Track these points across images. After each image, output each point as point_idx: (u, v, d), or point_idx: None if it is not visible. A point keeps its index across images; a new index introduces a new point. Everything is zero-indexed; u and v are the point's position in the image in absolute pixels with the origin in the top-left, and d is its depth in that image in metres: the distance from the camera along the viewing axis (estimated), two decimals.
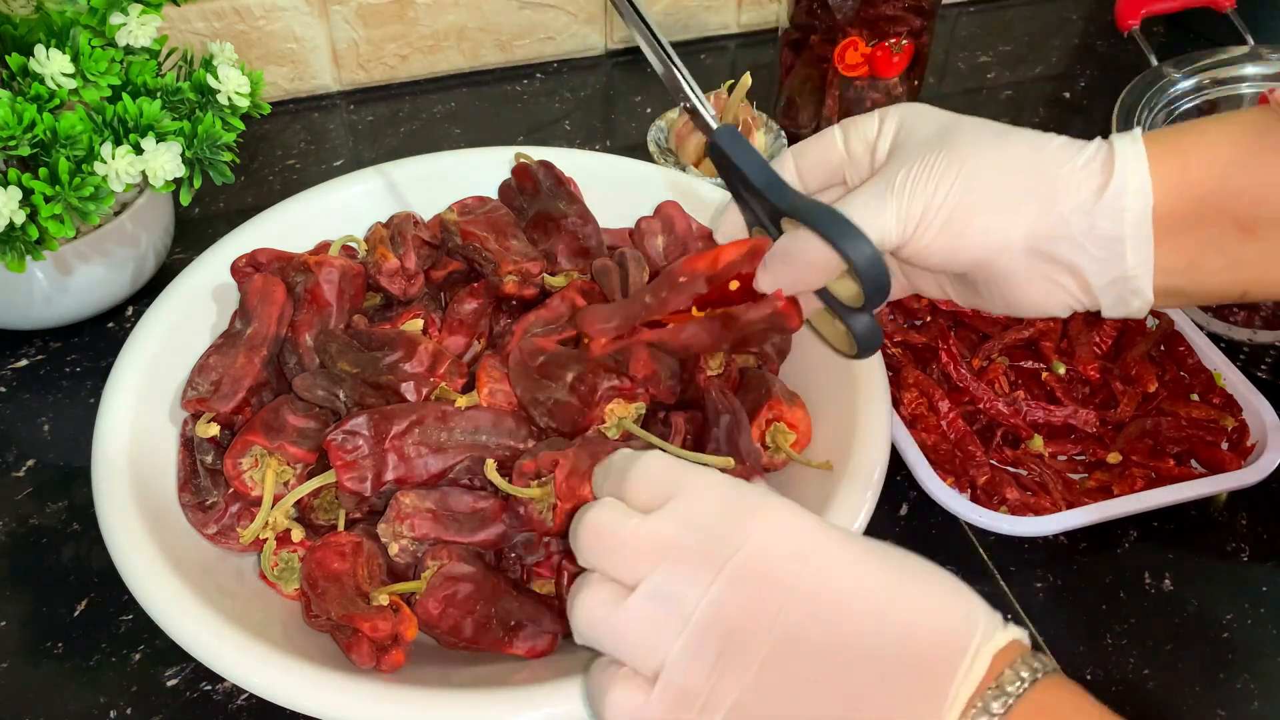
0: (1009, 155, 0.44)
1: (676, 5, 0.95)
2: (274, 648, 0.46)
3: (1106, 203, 0.43)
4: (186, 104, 0.60)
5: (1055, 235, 0.43)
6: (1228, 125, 0.43)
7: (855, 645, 0.34)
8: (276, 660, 0.45)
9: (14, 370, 0.67)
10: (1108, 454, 0.61)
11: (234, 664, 0.45)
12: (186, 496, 0.53)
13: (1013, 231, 0.44)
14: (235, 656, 0.45)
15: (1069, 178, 0.43)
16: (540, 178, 0.66)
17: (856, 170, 0.49)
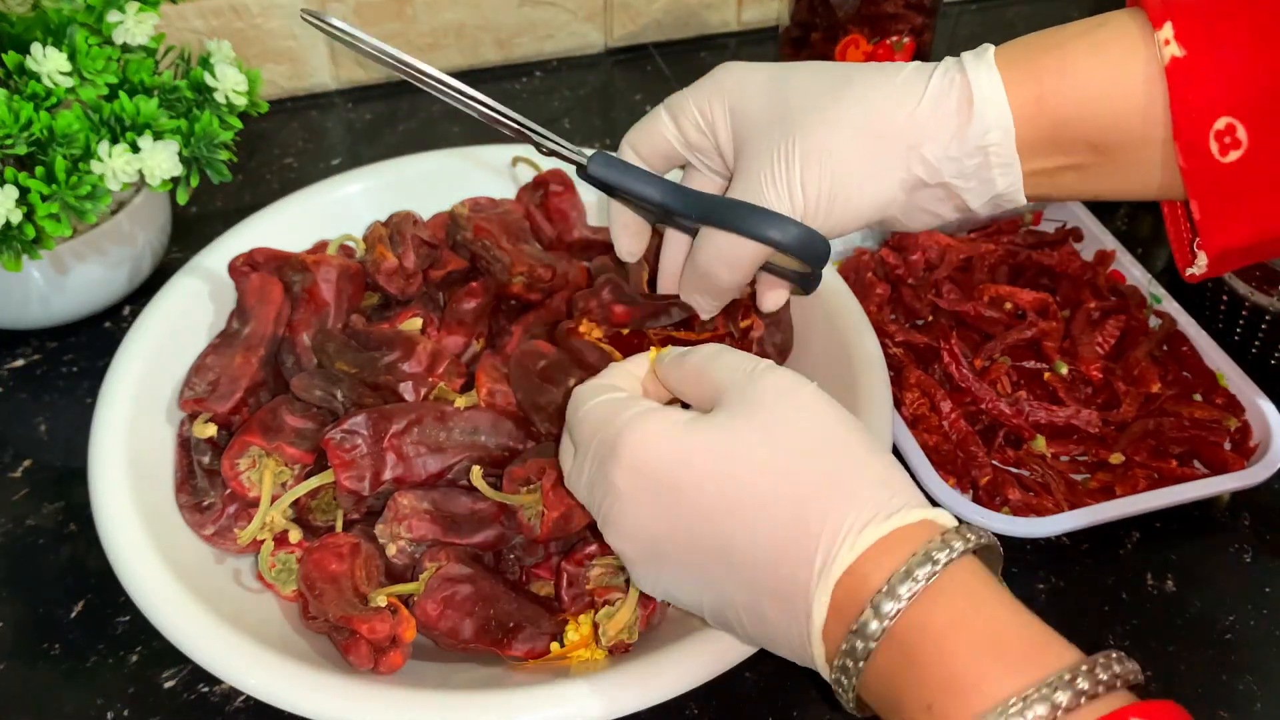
0: (859, 115, 0.44)
1: (676, 3, 0.95)
2: (271, 649, 0.46)
3: (971, 142, 0.43)
4: (184, 102, 0.59)
5: (930, 181, 0.45)
6: (1086, 48, 0.43)
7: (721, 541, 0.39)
8: (274, 662, 0.45)
9: (10, 370, 0.67)
10: (1110, 454, 0.61)
11: (231, 666, 0.45)
12: (184, 497, 0.53)
13: (889, 192, 0.45)
14: (232, 658, 0.45)
15: (927, 123, 0.44)
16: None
17: (704, 156, 0.49)
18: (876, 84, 0.45)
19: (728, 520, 0.39)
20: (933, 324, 0.67)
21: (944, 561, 0.36)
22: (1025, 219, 0.75)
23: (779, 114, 0.45)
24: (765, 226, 0.44)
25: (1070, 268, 0.70)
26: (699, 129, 0.48)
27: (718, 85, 0.47)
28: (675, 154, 0.49)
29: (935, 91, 0.44)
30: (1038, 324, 0.66)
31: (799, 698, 0.53)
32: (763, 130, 0.45)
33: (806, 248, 0.44)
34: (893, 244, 0.71)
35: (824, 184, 0.44)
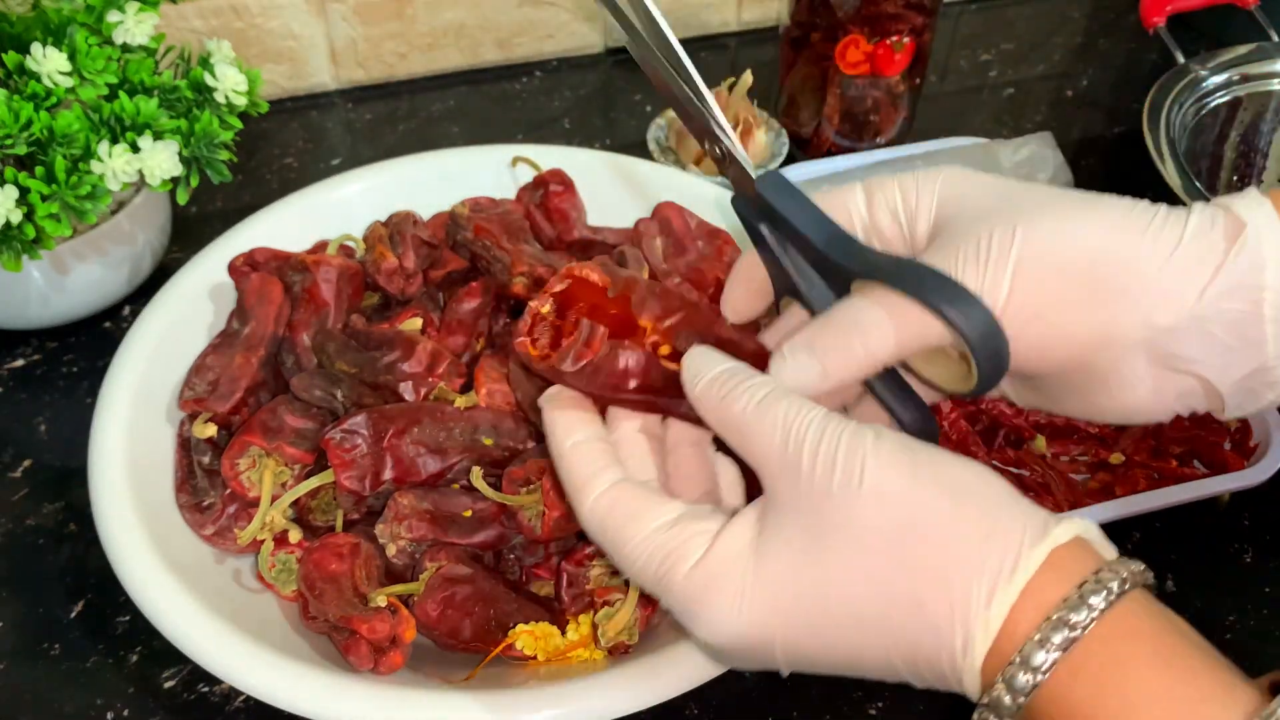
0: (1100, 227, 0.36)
1: (677, 3, 0.95)
2: (271, 649, 0.46)
3: (1239, 278, 0.35)
4: (184, 102, 0.59)
5: (1175, 326, 0.36)
6: None
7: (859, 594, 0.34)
8: (274, 662, 0.45)
9: (10, 370, 0.67)
10: (1110, 454, 0.61)
11: (231, 665, 0.45)
12: (184, 497, 0.53)
13: (1122, 323, 0.36)
14: (232, 658, 0.45)
15: (1186, 263, 0.35)
16: None
17: (887, 246, 0.41)
18: (1128, 211, 0.37)
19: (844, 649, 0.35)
20: None
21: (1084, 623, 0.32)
22: None
23: (1000, 204, 0.37)
24: (946, 295, 0.35)
25: None
26: (893, 213, 0.40)
27: (933, 173, 0.40)
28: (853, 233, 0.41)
29: (1197, 225, 0.36)
30: None
31: (799, 697, 0.52)
32: (974, 217, 0.37)
33: (987, 342, 0.35)
34: None
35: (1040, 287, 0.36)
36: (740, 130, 0.78)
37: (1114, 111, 0.91)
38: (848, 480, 0.34)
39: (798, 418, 0.35)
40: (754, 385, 0.36)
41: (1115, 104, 0.92)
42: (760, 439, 0.36)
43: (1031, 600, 0.32)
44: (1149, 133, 0.72)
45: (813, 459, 0.34)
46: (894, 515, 0.33)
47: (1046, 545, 0.33)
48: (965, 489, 0.34)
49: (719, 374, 0.37)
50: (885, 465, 0.34)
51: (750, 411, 0.36)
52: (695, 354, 0.39)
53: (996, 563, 0.32)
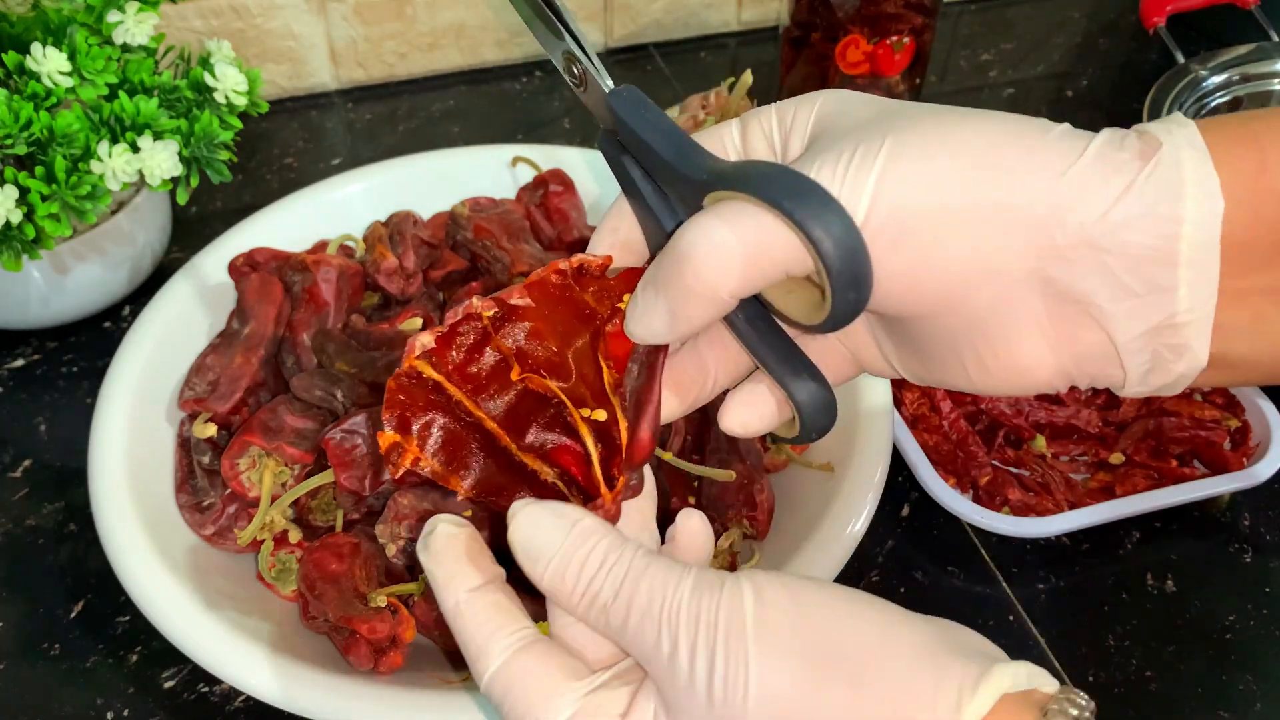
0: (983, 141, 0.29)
1: (676, 3, 0.95)
2: (271, 649, 0.46)
3: (1150, 204, 0.28)
4: (184, 102, 0.59)
5: (1070, 258, 0.29)
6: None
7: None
8: (274, 662, 0.45)
9: (10, 370, 0.67)
10: (1110, 455, 0.61)
11: (231, 665, 0.45)
12: (184, 497, 0.53)
13: (1005, 251, 0.29)
14: (232, 658, 0.45)
15: (1085, 181, 0.29)
16: None
17: None
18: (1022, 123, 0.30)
19: None
20: None
21: None
22: None
23: (880, 115, 0.31)
24: (799, 198, 0.29)
25: None
26: (767, 139, 0.34)
27: (811, 96, 0.34)
28: None
29: (1104, 140, 0.29)
30: None
31: None
32: (849, 128, 0.31)
33: (845, 258, 0.28)
34: None
35: (909, 192, 0.29)
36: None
37: (1114, 112, 0.91)
38: (733, 690, 0.29)
39: (665, 605, 0.30)
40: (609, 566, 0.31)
41: (1115, 104, 0.92)
42: (632, 639, 0.31)
43: None
44: None
45: (690, 660, 0.29)
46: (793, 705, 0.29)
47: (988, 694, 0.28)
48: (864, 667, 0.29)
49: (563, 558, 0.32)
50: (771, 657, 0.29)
51: (613, 609, 0.31)
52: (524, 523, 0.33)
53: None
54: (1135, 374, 0.30)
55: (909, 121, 0.30)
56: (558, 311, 0.36)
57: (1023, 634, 0.55)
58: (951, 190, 0.29)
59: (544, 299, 0.35)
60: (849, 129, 0.31)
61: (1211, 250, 0.28)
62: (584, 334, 0.36)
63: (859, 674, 0.29)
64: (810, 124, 0.33)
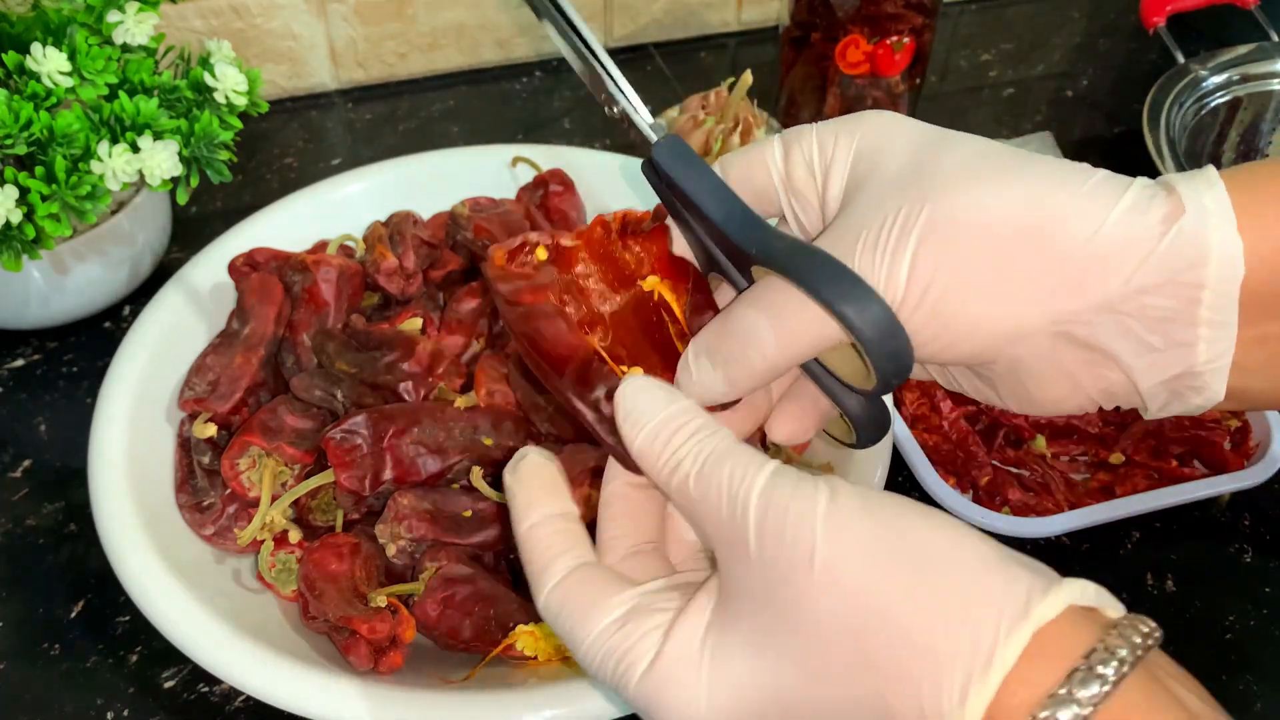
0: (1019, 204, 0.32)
1: (676, 3, 0.95)
2: (271, 649, 0.46)
3: (1172, 270, 0.30)
4: (184, 102, 0.59)
5: (1092, 320, 0.32)
6: None
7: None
8: (274, 662, 0.45)
9: (10, 370, 0.67)
10: (1110, 454, 0.61)
11: (231, 665, 0.45)
12: (183, 497, 0.53)
13: (1028, 317, 0.32)
14: (232, 658, 0.45)
15: (1111, 246, 0.31)
16: None
17: (801, 203, 0.37)
18: (1058, 177, 0.32)
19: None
20: None
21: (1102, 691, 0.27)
22: None
23: (917, 172, 0.33)
24: (839, 290, 0.31)
25: None
26: (808, 166, 0.36)
27: (852, 124, 0.35)
28: (770, 192, 0.37)
29: (1131, 203, 0.31)
30: None
31: None
32: (888, 186, 0.33)
33: (884, 342, 0.31)
34: None
35: (940, 275, 0.31)
36: (740, 130, 0.78)
37: (1114, 111, 0.91)
38: (798, 560, 0.30)
39: (743, 482, 0.31)
40: (698, 441, 0.33)
41: (1115, 104, 0.92)
42: (706, 510, 0.32)
43: (1018, 690, 0.27)
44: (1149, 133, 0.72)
45: (760, 534, 0.30)
46: (851, 602, 0.29)
47: (1028, 626, 0.28)
48: (932, 560, 0.29)
49: (660, 425, 0.33)
50: (838, 540, 0.30)
51: (694, 478, 0.32)
52: (631, 390, 0.34)
53: (969, 652, 0.28)
54: (1155, 406, 0.34)
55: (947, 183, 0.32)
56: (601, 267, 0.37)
57: None
58: (982, 267, 0.31)
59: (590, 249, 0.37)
60: (887, 188, 0.33)
61: (1230, 310, 0.30)
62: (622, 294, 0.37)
63: (926, 564, 0.29)
64: (850, 159, 0.35)
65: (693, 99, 0.80)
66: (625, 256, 0.37)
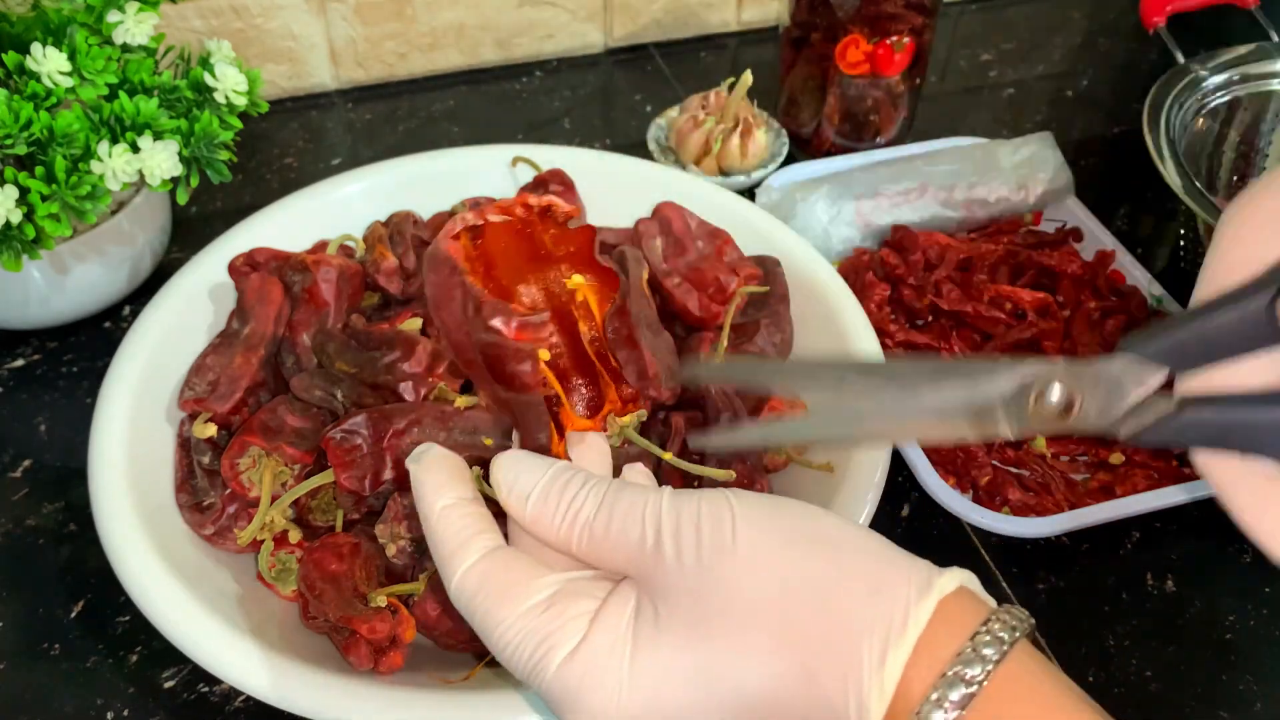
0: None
1: (676, 3, 0.95)
2: (271, 649, 0.46)
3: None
4: (184, 102, 0.59)
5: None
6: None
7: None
8: (274, 662, 0.45)
9: (10, 370, 0.67)
10: (1110, 454, 0.61)
11: (231, 666, 0.45)
12: (183, 497, 0.53)
13: None
14: (232, 658, 0.45)
15: None
16: None
17: None
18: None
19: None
20: (933, 324, 0.67)
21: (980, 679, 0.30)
22: (1025, 219, 0.75)
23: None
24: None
25: (1070, 268, 0.70)
26: None
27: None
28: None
29: None
30: (1038, 324, 0.66)
31: None
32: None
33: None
34: (892, 244, 0.71)
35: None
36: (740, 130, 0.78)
37: (1114, 111, 0.92)
38: (720, 550, 0.31)
39: (647, 505, 0.33)
40: (590, 487, 0.34)
41: (1115, 104, 0.92)
42: (614, 543, 0.33)
43: (924, 656, 0.30)
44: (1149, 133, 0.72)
45: (675, 539, 0.32)
46: (775, 580, 0.31)
47: (934, 596, 0.31)
48: (841, 543, 0.32)
49: (548, 483, 0.35)
50: (755, 528, 0.32)
51: (596, 519, 0.34)
52: (507, 462, 0.36)
53: (885, 619, 0.30)
54: None
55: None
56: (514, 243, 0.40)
57: None
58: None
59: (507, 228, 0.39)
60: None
61: None
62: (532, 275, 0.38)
63: (838, 548, 0.32)
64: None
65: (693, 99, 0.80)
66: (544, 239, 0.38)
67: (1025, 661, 0.31)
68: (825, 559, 0.31)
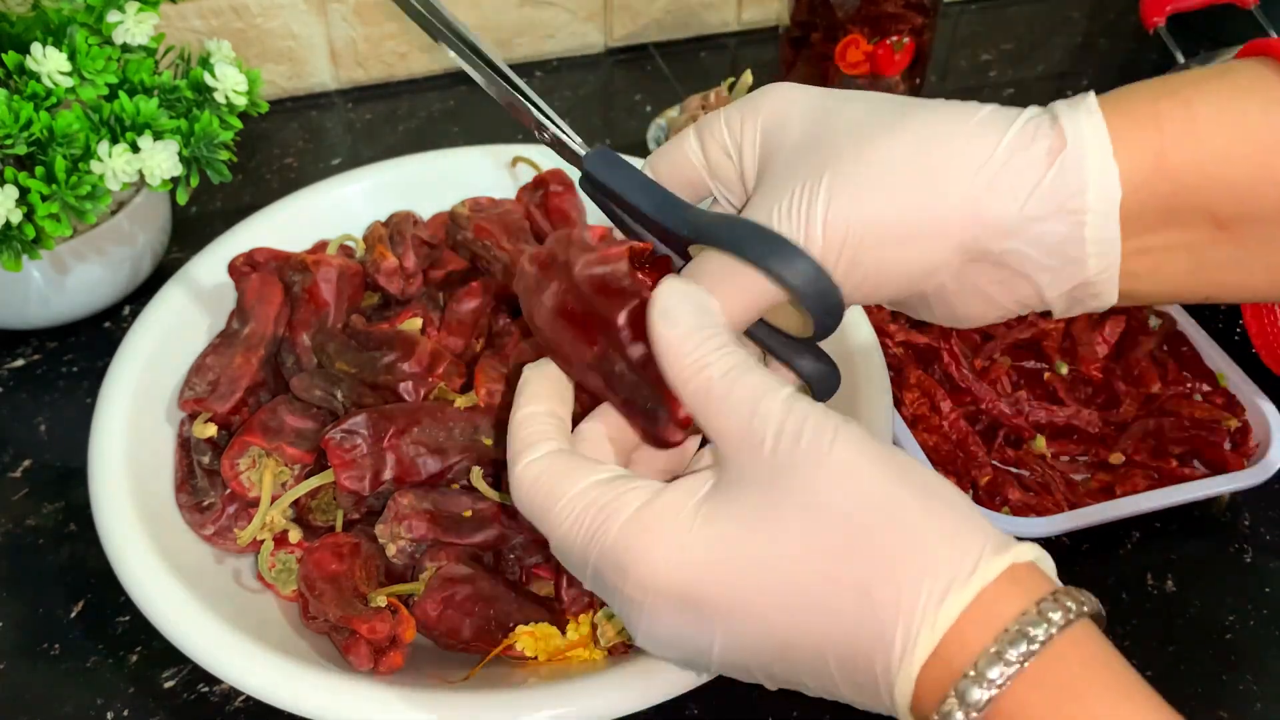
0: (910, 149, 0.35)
1: (676, 3, 0.95)
2: (271, 649, 0.46)
3: (1057, 201, 0.34)
4: (184, 102, 0.59)
5: (994, 249, 0.35)
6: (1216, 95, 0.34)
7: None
8: (274, 662, 0.45)
9: (10, 370, 0.67)
10: (1110, 454, 0.61)
11: (231, 665, 0.45)
12: (183, 497, 0.53)
13: (936, 254, 0.35)
14: (232, 658, 0.45)
15: (999, 174, 0.34)
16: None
17: (725, 185, 0.40)
18: (942, 119, 0.36)
19: (781, 627, 0.32)
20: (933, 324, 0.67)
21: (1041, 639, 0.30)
22: None
23: (815, 140, 0.36)
24: (767, 251, 0.35)
25: None
26: (724, 150, 0.40)
27: (754, 103, 0.39)
28: (699, 180, 0.41)
29: (1016, 137, 0.35)
30: (1038, 324, 0.66)
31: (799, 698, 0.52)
32: (792, 156, 0.37)
33: (813, 292, 0.35)
34: None
35: (852, 224, 0.35)
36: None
37: None
38: (813, 453, 0.32)
39: (767, 393, 0.34)
40: (728, 351, 0.35)
41: None
42: (725, 409, 0.34)
43: (985, 611, 0.30)
44: None
45: (778, 434, 0.33)
46: (856, 493, 0.32)
47: (1008, 557, 0.31)
48: (933, 488, 0.33)
49: (694, 328, 0.35)
50: (853, 446, 0.33)
51: (716, 382, 0.34)
52: (669, 290, 0.36)
53: (954, 563, 0.31)
54: (1059, 309, 0.37)
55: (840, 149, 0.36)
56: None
57: None
58: (885, 216, 0.35)
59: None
60: (791, 159, 0.37)
61: (1112, 229, 0.34)
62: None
63: (929, 488, 0.33)
64: (758, 137, 0.39)
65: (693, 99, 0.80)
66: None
67: (1091, 636, 0.31)
68: (911, 494, 0.32)
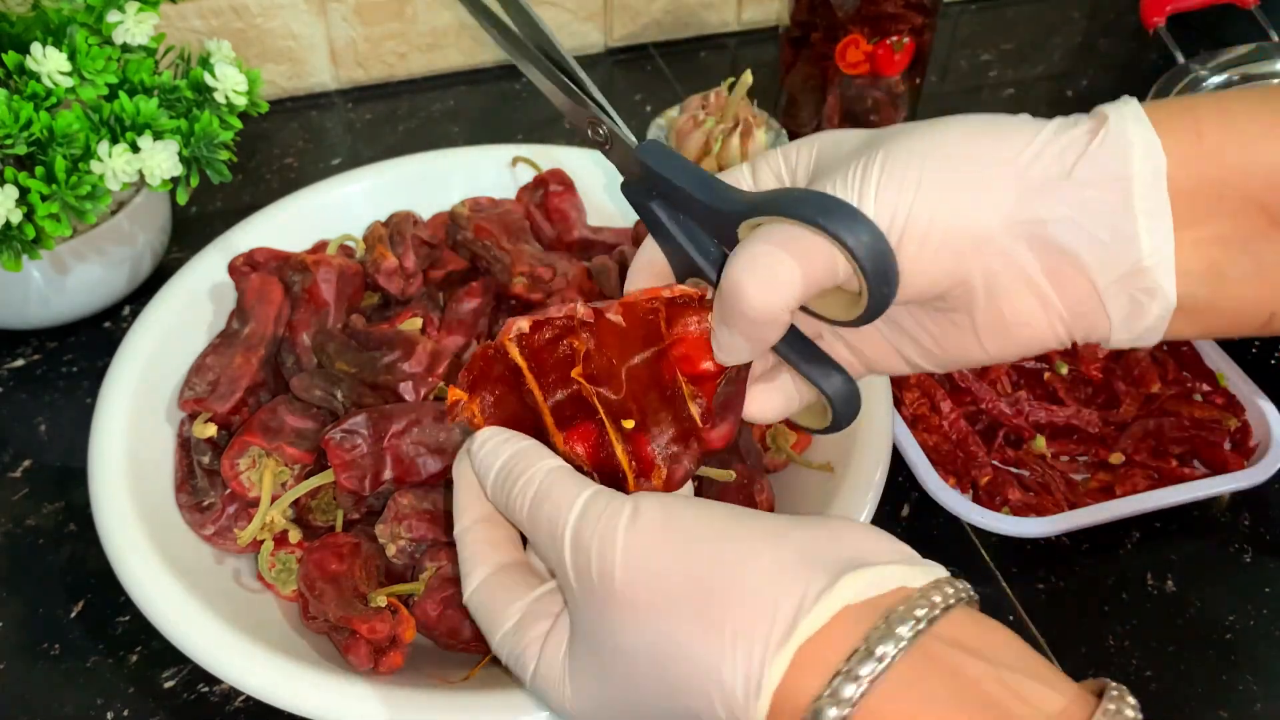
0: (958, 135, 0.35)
1: (676, 3, 0.95)
2: (271, 649, 0.46)
3: (1103, 165, 0.34)
4: (184, 102, 0.59)
5: (1044, 215, 0.34)
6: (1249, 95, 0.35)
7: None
8: (274, 662, 0.45)
9: (10, 370, 0.67)
10: (1110, 454, 0.61)
11: (231, 665, 0.45)
12: (183, 497, 0.53)
13: (986, 216, 0.34)
14: (232, 658, 0.45)
15: (1045, 152, 0.35)
16: None
17: None
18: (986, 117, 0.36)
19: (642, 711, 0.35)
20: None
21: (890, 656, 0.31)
22: None
23: (870, 139, 0.37)
24: (833, 217, 0.34)
25: None
26: (775, 174, 0.39)
27: (811, 136, 0.40)
28: None
29: (1059, 122, 0.35)
30: None
31: None
32: (846, 153, 0.37)
33: (876, 259, 0.34)
34: None
35: (905, 194, 0.34)
36: (740, 130, 0.78)
37: None
38: (604, 589, 0.34)
39: (558, 520, 0.36)
40: (524, 483, 0.37)
41: None
42: (540, 543, 0.37)
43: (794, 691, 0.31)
44: None
45: (575, 568, 0.35)
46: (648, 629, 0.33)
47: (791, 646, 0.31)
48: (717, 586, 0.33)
49: (499, 471, 0.38)
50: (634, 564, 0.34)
51: (527, 519, 0.37)
52: (478, 444, 0.39)
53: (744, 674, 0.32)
54: (1118, 318, 0.35)
55: (896, 136, 0.36)
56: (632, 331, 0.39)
57: (1022, 634, 0.55)
58: (937, 180, 0.35)
59: (633, 320, 0.39)
60: (847, 154, 0.37)
61: (1161, 199, 0.34)
62: (644, 352, 0.40)
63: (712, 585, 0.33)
64: (813, 159, 0.39)
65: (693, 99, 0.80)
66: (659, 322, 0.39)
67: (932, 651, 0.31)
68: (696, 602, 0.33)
